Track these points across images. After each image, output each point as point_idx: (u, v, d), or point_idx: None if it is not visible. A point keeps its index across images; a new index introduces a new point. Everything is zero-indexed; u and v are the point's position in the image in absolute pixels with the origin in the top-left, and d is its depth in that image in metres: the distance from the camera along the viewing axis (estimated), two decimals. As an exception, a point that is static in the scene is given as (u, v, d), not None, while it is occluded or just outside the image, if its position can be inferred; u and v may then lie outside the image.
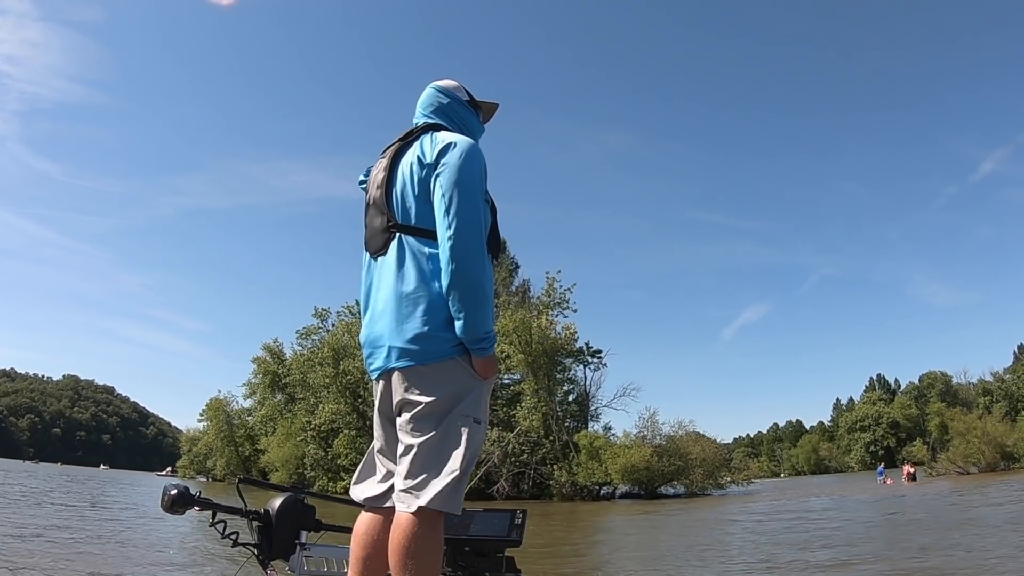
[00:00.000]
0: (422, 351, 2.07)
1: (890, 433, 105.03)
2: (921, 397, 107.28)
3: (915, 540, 10.40)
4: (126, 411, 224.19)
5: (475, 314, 2.05)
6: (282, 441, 47.85)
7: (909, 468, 41.16)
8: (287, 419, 50.02)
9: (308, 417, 45.69)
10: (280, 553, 2.46)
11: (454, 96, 2.47)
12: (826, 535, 11.92)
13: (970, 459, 38.87)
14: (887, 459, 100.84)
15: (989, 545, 9.15)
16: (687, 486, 38.08)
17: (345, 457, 42.10)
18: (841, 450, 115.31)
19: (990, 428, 38.97)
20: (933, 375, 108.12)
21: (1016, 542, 9.24)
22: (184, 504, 2.27)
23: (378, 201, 2.28)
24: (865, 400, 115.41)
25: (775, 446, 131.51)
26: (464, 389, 2.10)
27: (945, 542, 9.79)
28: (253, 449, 56.51)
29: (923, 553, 8.89)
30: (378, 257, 2.25)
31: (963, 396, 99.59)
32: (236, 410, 62.36)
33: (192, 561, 9.18)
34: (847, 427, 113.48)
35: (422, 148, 2.23)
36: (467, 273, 2.04)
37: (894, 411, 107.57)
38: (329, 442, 44.04)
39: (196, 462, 71.11)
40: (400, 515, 2.00)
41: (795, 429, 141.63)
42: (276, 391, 55.29)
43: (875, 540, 11.05)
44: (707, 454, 38.75)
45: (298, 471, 45.82)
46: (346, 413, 42.54)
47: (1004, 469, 37.09)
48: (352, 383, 42.58)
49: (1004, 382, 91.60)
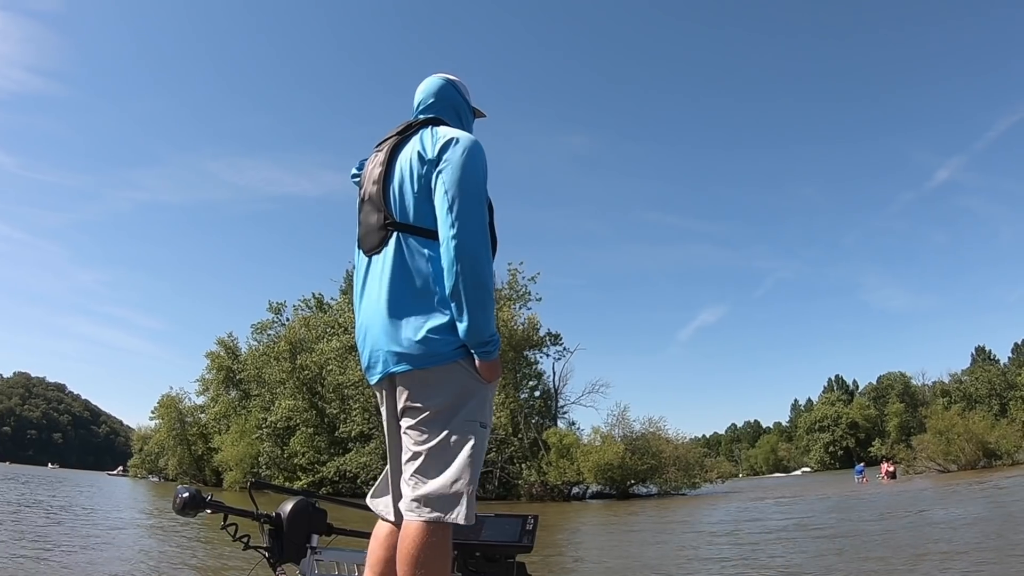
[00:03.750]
0: (423, 355, 2.00)
1: (849, 433, 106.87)
2: (880, 398, 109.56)
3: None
4: (77, 409, 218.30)
5: (480, 316, 1.99)
6: (236, 439, 45.67)
7: (888, 467, 40.57)
8: (241, 416, 47.80)
9: (263, 414, 43.59)
10: (291, 556, 2.43)
11: (462, 93, 2.44)
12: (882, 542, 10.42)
13: (950, 457, 38.49)
14: (846, 459, 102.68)
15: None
16: (661, 485, 37.15)
17: (302, 456, 40.20)
18: (800, 450, 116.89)
19: (971, 425, 38.61)
20: (891, 376, 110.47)
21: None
22: (196, 507, 2.27)
23: (374, 197, 2.18)
24: (824, 401, 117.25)
25: (733, 446, 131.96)
26: (468, 393, 2.05)
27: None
28: (206, 448, 54.15)
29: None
30: (373, 256, 2.16)
31: (921, 397, 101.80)
32: (188, 407, 59.90)
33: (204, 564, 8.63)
34: (806, 427, 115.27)
35: (422, 143, 2.16)
36: (471, 275, 1.97)
37: (853, 412, 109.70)
38: (285, 440, 42.05)
39: (148, 461, 69.40)
40: (409, 524, 1.95)
41: (753, 430, 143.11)
42: (230, 387, 52.93)
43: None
44: (681, 452, 37.96)
45: (253, 470, 43.57)
46: (303, 410, 40.56)
47: (985, 467, 36.72)
48: (309, 378, 40.59)
49: (962, 383, 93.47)
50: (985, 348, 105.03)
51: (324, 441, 40.01)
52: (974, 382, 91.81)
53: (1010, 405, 70.77)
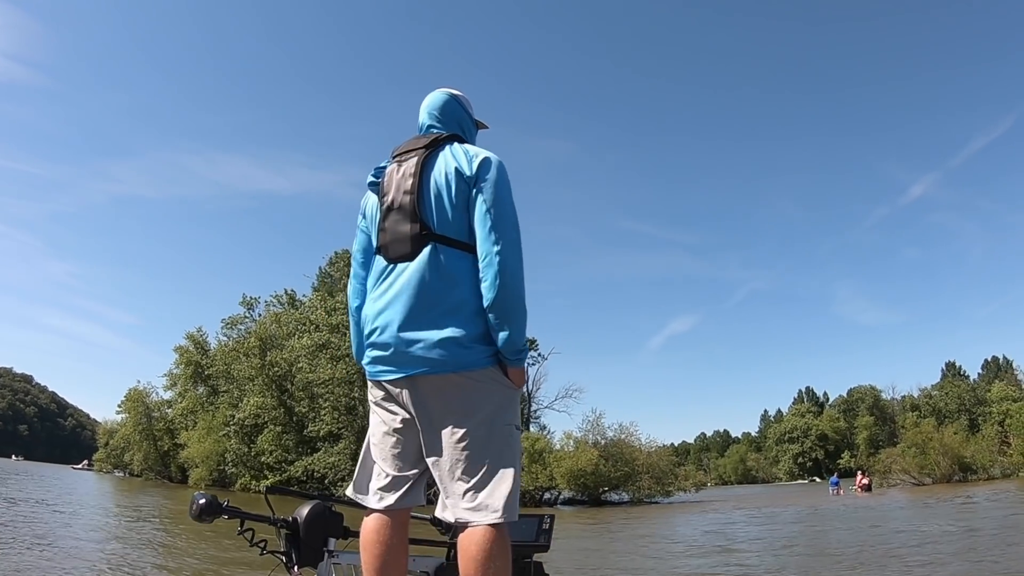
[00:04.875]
0: (462, 360, 2.10)
1: (818, 445, 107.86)
2: (849, 410, 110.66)
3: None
4: (44, 401, 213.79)
5: (519, 327, 2.16)
6: (203, 436, 44.61)
7: (863, 479, 40.55)
8: (209, 413, 46.73)
9: (231, 411, 42.56)
10: (308, 561, 2.44)
11: (466, 108, 2.56)
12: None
13: (925, 470, 38.62)
14: (815, 470, 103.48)
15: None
16: (633, 493, 36.85)
17: (269, 454, 39.24)
18: (769, 461, 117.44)
19: (947, 439, 38.81)
20: (862, 389, 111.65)
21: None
22: (212, 513, 2.29)
23: (406, 207, 2.25)
24: (794, 412, 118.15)
25: (702, 455, 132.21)
26: (506, 398, 2.19)
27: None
28: (172, 443, 52.93)
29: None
30: (400, 263, 2.23)
31: (890, 411, 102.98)
32: (156, 402, 58.47)
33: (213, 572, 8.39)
34: (775, 438, 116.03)
35: (457, 159, 2.27)
36: (512, 289, 2.13)
37: (823, 423, 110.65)
38: (253, 438, 41.07)
39: (113, 456, 67.37)
40: (475, 530, 2.05)
41: (722, 439, 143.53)
42: (198, 383, 51.72)
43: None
44: (654, 460, 37.70)
45: (219, 468, 42.88)
46: (272, 407, 39.63)
47: (960, 480, 36.84)
48: (278, 375, 39.72)
49: (932, 398, 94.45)
50: (955, 363, 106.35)
51: (292, 440, 39.19)
52: (944, 397, 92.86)
53: (980, 421, 71.30)
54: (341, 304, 38.40)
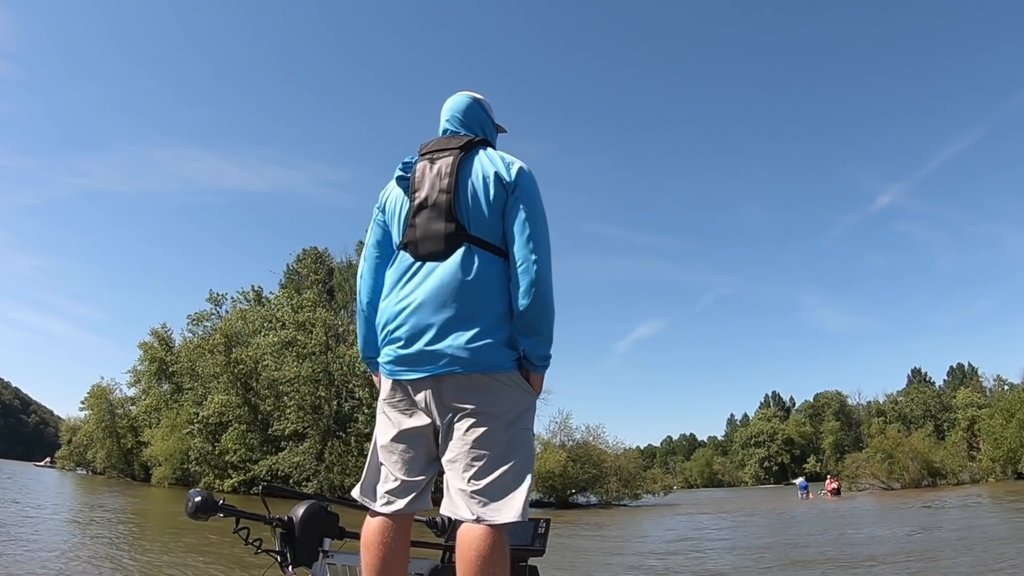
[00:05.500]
0: (489, 362, 2.11)
1: (784, 449, 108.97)
2: (816, 415, 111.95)
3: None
4: (7, 397, 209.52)
5: (548, 335, 2.19)
6: (166, 434, 43.79)
7: (832, 484, 40.84)
8: (173, 410, 45.87)
9: (195, 409, 41.76)
10: (303, 561, 2.44)
11: (490, 114, 2.57)
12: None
13: (894, 475, 38.97)
14: (781, 475, 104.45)
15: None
16: (601, 496, 36.75)
17: (233, 453, 38.47)
18: (735, 465, 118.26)
19: (916, 444, 39.21)
20: (828, 395, 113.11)
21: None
22: (208, 511, 2.28)
23: (441, 206, 2.23)
24: (760, 416, 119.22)
25: (668, 459, 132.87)
26: (524, 402, 2.20)
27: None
28: (136, 441, 52.00)
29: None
30: (429, 261, 2.21)
31: (856, 416, 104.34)
32: (119, 399, 57.43)
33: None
34: (741, 442, 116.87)
35: (496, 165, 2.28)
36: (547, 297, 2.16)
37: (789, 428, 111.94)
38: (217, 436, 40.32)
39: (76, 453, 66.66)
40: (475, 533, 2.04)
41: (689, 443, 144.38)
42: (163, 380, 50.77)
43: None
44: (622, 463, 37.65)
45: (183, 466, 42.12)
46: (236, 405, 38.81)
47: (928, 486, 37.23)
48: (244, 373, 38.95)
49: (898, 404, 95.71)
50: (921, 370, 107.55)
51: (257, 439, 38.48)
52: (909, 403, 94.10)
53: (945, 427, 72.39)
54: (308, 302, 37.89)
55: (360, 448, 34.52)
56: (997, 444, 38.16)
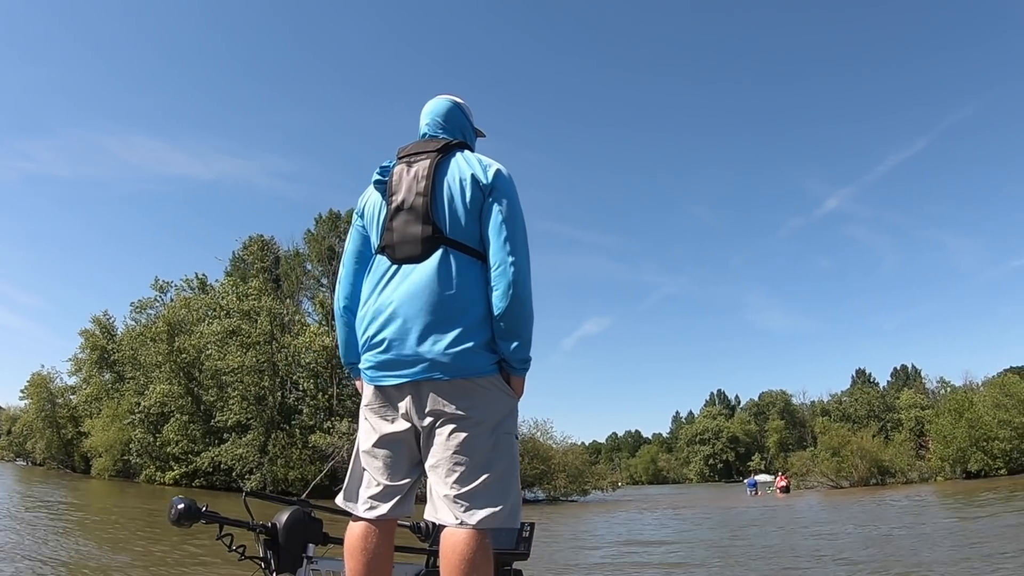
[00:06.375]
0: (469, 366, 2.10)
1: (729, 447, 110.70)
2: (760, 414, 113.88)
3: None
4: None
5: (527, 337, 2.17)
6: (107, 424, 42.57)
7: (782, 481, 41.43)
8: (114, 400, 44.69)
9: (137, 398, 40.76)
10: (287, 567, 2.43)
11: (467, 115, 2.55)
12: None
13: (843, 473, 39.60)
14: (725, 472, 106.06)
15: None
16: (549, 492, 36.83)
17: (175, 444, 37.72)
18: (680, 462, 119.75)
19: (865, 443, 39.86)
20: (773, 394, 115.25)
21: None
22: (191, 518, 2.26)
23: (418, 209, 2.23)
24: (705, 414, 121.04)
25: (614, 455, 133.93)
26: (506, 406, 2.18)
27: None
28: (76, 432, 50.59)
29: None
30: (406, 264, 2.21)
31: (800, 415, 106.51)
32: (60, 388, 55.71)
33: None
34: (687, 439, 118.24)
35: (472, 167, 2.27)
36: (525, 299, 2.15)
37: (734, 426, 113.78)
38: (158, 427, 39.46)
39: (15, 444, 64.97)
40: (459, 538, 2.02)
41: (634, 439, 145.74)
42: (104, 368, 49.40)
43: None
44: (570, 459, 37.75)
45: (123, 458, 41.11)
46: (179, 396, 38.00)
47: (877, 484, 37.91)
48: (186, 362, 38.15)
49: (842, 403, 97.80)
50: (865, 371, 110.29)
51: (199, 430, 37.74)
52: (854, 403, 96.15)
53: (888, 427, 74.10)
54: (254, 290, 37.22)
55: (304, 440, 34.09)
56: (947, 443, 38.91)
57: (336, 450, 33.17)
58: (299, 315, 40.85)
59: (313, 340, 35.38)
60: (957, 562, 8.39)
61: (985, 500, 20.04)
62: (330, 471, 33.95)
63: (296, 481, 32.53)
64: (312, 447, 33.74)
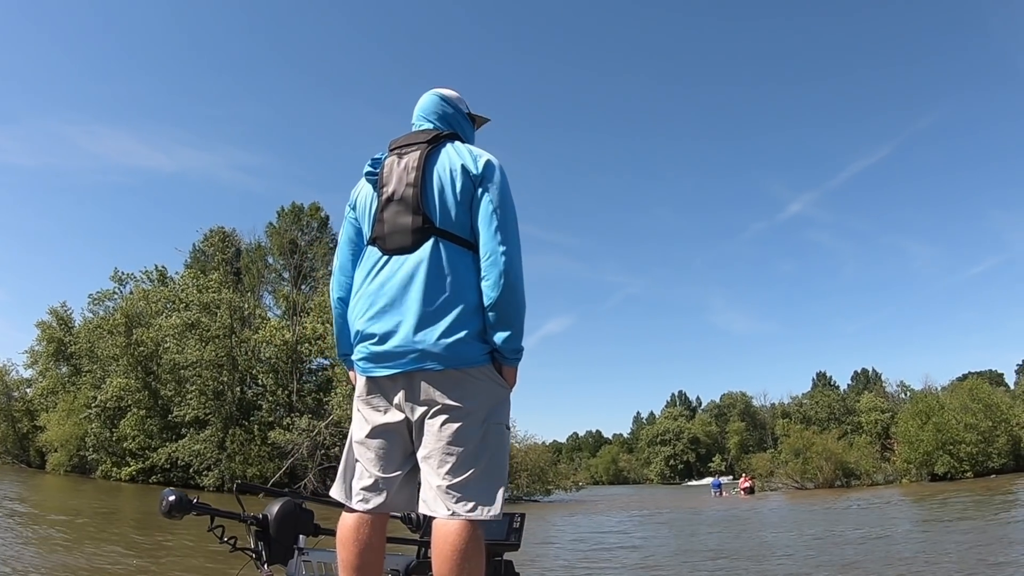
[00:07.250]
0: (461, 356, 2.11)
1: (690, 448, 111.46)
2: (721, 415, 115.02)
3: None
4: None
5: (519, 327, 2.19)
6: (63, 418, 41.63)
7: (746, 482, 41.74)
8: (71, 393, 43.82)
9: (93, 392, 39.97)
10: (278, 558, 2.43)
11: (458, 108, 2.57)
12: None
13: (807, 475, 39.95)
14: (686, 473, 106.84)
15: None
16: (512, 491, 36.77)
17: (132, 440, 36.96)
18: (640, 462, 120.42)
19: (830, 445, 40.22)
20: (733, 395, 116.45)
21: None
22: (182, 510, 2.28)
23: (408, 200, 2.24)
24: (666, 415, 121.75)
25: (574, 455, 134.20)
26: (497, 397, 2.19)
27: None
28: (31, 426, 49.52)
29: None
30: (397, 255, 2.22)
31: (761, 417, 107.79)
32: (15, 380, 54.51)
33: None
34: (647, 440, 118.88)
35: (463, 157, 2.29)
36: (516, 289, 2.16)
37: (695, 427, 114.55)
38: (115, 422, 38.73)
39: (-30, 438, 63.16)
40: (450, 528, 2.02)
41: (595, 439, 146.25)
42: (60, 361, 48.47)
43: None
44: (532, 458, 37.79)
45: (79, 453, 40.27)
46: (136, 390, 37.22)
47: (842, 486, 38.32)
48: (144, 356, 37.44)
49: (803, 406, 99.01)
50: (826, 374, 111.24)
51: (156, 425, 37.09)
52: (814, 406, 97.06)
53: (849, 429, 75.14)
54: (214, 283, 36.66)
55: (263, 437, 33.66)
56: (913, 446, 39.22)
57: (295, 447, 32.88)
58: (260, 309, 40.29)
59: (274, 335, 34.91)
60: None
61: (958, 502, 20.21)
62: (289, 468, 33.72)
63: (255, 478, 32.03)
64: (271, 444, 33.27)
